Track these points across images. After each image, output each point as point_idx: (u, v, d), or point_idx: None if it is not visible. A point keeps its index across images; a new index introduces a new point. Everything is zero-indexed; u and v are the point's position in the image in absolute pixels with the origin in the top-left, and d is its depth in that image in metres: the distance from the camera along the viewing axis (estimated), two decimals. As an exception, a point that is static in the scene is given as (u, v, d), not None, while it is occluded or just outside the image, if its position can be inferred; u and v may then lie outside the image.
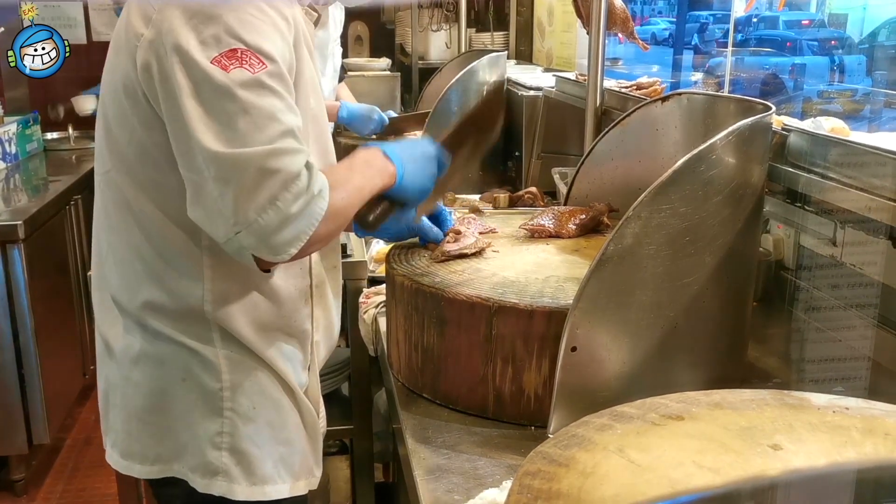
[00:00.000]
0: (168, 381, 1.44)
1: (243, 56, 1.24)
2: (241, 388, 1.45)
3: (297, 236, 1.27)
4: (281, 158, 1.24)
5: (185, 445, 1.45)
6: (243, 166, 1.23)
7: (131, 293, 1.44)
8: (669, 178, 1.32)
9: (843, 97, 7.23)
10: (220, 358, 1.43)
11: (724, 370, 1.52)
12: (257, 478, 1.47)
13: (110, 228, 1.46)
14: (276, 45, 1.29)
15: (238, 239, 1.25)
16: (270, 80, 1.26)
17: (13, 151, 4.28)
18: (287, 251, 1.28)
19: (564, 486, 0.90)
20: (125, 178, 1.39)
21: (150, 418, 1.46)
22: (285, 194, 1.24)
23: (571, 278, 1.58)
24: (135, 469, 1.49)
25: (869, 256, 1.66)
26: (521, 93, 3.27)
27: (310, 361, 1.58)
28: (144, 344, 1.45)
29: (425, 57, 5.29)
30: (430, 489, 1.32)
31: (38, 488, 3.55)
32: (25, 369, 3.36)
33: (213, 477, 1.45)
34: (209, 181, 1.25)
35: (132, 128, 1.35)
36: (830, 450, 0.97)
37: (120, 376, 1.49)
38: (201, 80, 1.23)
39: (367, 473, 2.58)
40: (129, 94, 1.33)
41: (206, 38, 1.24)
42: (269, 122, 1.25)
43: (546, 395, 1.44)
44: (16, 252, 3.27)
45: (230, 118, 1.23)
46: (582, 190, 2.02)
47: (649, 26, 13.16)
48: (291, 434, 1.52)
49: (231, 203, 1.24)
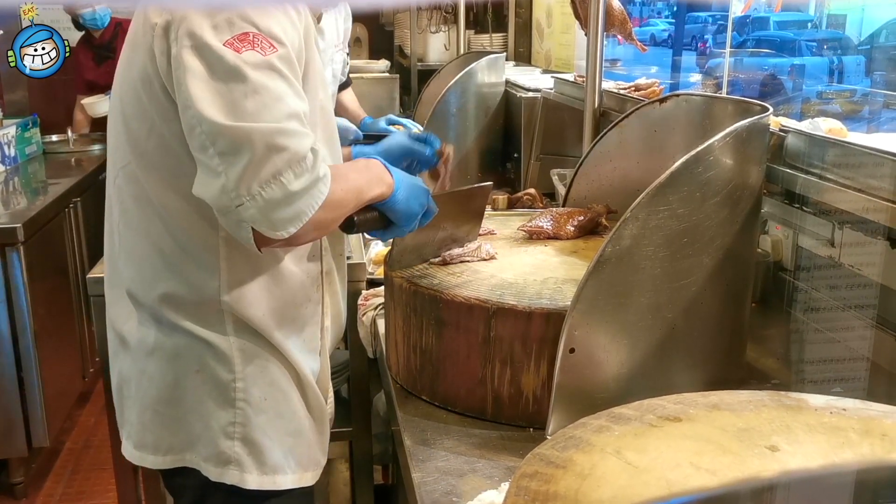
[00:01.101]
0: (182, 373, 1.47)
1: (255, 39, 1.28)
2: (252, 379, 1.47)
3: (298, 215, 1.29)
4: (289, 137, 1.27)
5: (198, 435, 1.48)
6: (251, 139, 1.25)
7: (148, 286, 1.47)
8: (667, 179, 1.33)
9: (842, 98, 7.23)
10: (234, 349, 1.46)
11: (722, 371, 1.52)
12: (268, 467, 1.50)
13: (127, 224, 1.48)
14: (286, 31, 1.32)
15: (238, 211, 1.27)
16: (280, 64, 1.30)
17: (12, 154, 4.28)
18: (286, 228, 1.29)
19: (561, 487, 0.90)
20: (146, 172, 1.42)
21: (164, 409, 1.49)
22: (289, 172, 1.27)
23: (570, 280, 1.58)
24: (147, 460, 1.52)
25: (867, 257, 1.66)
26: (519, 94, 3.27)
27: (321, 346, 1.60)
28: (160, 336, 1.47)
29: (424, 59, 5.29)
30: (428, 491, 1.32)
31: (38, 491, 3.54)
32: (25, 372, 3.35)
33: (225, 466, 1.48)
34: (214, 157, 1.27)
35: (151, 121, 1.38)
36: (828, 451, 0.97)
37: (135, 369, 1.51)
38: (214, 62, 1.27)
39: (367, 476, 2.58)
40: (147, 87, 1.36)
41: (219, 22, 1.28)
42: (277, 102, 1.28)
43: (544, 397, 1.44)
44: (15, 255, 3.26)
45: (240, 97, 1.26)
46: (580, 191, 2.02)
47: (648, 27, 13.18)
48: (300, 425, 1.55)
49: (236, 175, 1.26)
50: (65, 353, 3.82)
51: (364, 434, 2.50)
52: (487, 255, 1.73)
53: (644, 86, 2.60)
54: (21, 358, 3.34)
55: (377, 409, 2.56)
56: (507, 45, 4.88)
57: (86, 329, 3.98)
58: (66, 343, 3.85)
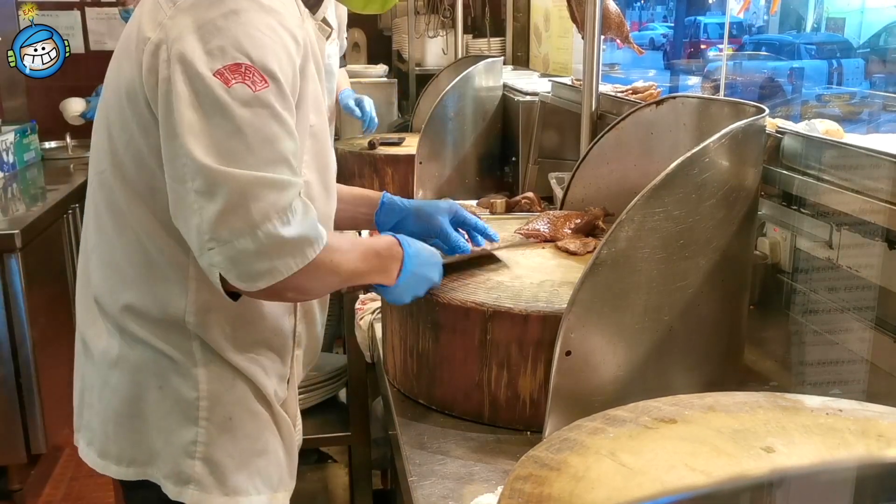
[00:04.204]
0: (145, 387, 1.43)
1: (247, 72, 1.22)
2: (218, 399, 1.43)
3: (270, 271, 1.23)
4: (268, 188, 1.21)
5: (158, 452, 1.44)
6: (228, 185, 1.19)
7: (114, 295, 1.43)
8: (662, 181, 1.32)
9: (841, 101, 7.24)
10: (200, 368, 1.42)
11: (720, 374, 1.52)
12: (229, 488, 1.45)
13: (99, 229, 1.45)
14: (281, 64, 1.26)
15: (209, 255, 1.22)
16: (272, 99, 1.23)
17: (11, 161, 4.28)
18: (255, 283, 1.23)
19: (556, 490, 0.90)
20: (120, 182, 1.38)
21: (127, 422, 1.45)
22: (267, 224, 1.21)
23: (566, 282, 1.58)
24: (111, 469, 1.48)
25: (865, 259, 1.66)
26: (517, 98, 3.27)
27: (289, 375, 1.55)
28: (124, 347, 1.43)
29: (422, 63, 5.29)
30: (425, 495, 1.31)
31: (37, 498, 3.54)
32: (23, 378, 3.34)
33: (185, 485, 1.43)
34: (191, 193, 1.22)
35: (131, 133, 1.34)
36: (823, 452, 0.96)
37: (98, 378, 1.48)
38: (201, 91, 1.21)
39: (366, 480, 2.58)
40: (132, 99, 1.32)
41: (212, 49, 1.22)
42: (262, 145, 1.22)
43: (541, 400, 1.44)
44: (13, 261, 3.26)
45: (224, 135, 1.21)
46: (578, 194, 2.02)
47: (647, 31, 13.20)
48: (269, 446, 1.49)
49: (209, 218, 1.21)
50: (63, 359, 3.79)
51: (362, 439, 2.50)
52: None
53: (641, 89, 2.60)
54: (19, 364, 3.33)
55: (375, 413, 2.56)
56: (505, 50, 4.89)
57: (85, 335, 3.97)
58: (64, 349, 3.81)
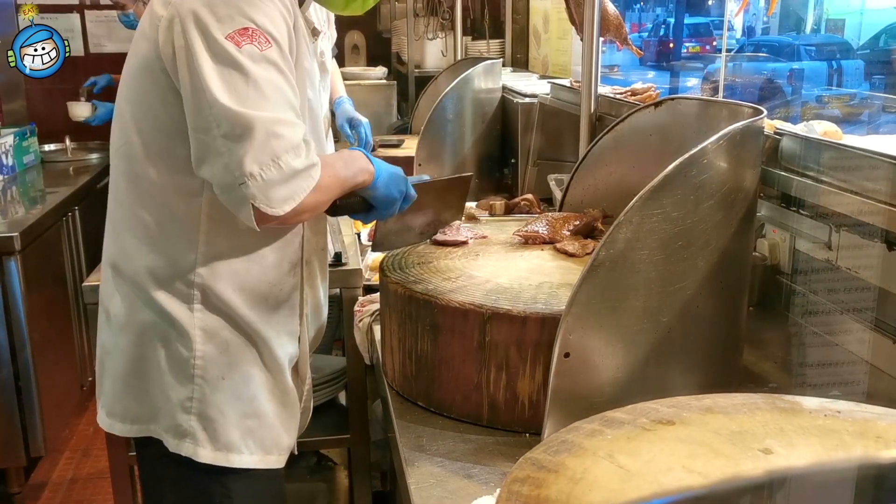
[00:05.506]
0: (149, 348, 1.56)
1: (254, 34, 1.40)
2: (211, 357, 1.55)
3: (293, 195, 1.40)
4: (286, 126, 1.39)
5: (159, 408, 1.57)
6: (253, 126, 1.36)
7: (128, 260, 1.56)
8: (660, 182, 1.32)
9: (841, 102, 7.24)
10: (196, 328, 1.54)
11: (718, 375, 1.51)
12: (221, 444, 1.56)
13: (117, 200, 1.59)
14: (279, 28, 1.44)
15: (241, 189, 1.38)
16: (275, 58, 1.42)
17: (10, 163, 4.28)
18: (282, 206, 1.40)
19: (553, 491, 0.89)
20: (138, 150, 1.52)
21: (133, 381, 1.59)
22: (286, 156, 1.39)
23: (565, 284, 1.58)
24: (116, 427, 1.62)
25: (864, 260, 1.65)
26: (516, 100, 3.27)
27: (300, 332, 1.66)
28: (132, 311, 1.57)
29: (421, 65, 5.30)
30: (423, 497, 1.31)
31: (36, 501, 3.53)
32: (22, 381, 3.34)
33: (181, 439, 1.56)
34: (217, 139, 1.38)
35: (149, 104, 1.50)
36: (821, 453, 0.96)
37: (111, 342, 1.62)
38: (218, 52, 1.39)
39: (366, 482, 2.57)
40: (148, 72, 1.48)
41: (222, 17, 1.40)
42: (274, 93, 1.40)
43: (540, 402, 1.44)
44: (12, 264, 3.26)
45: (243, 86, 1.38)
46: (577, 196, 2.02)
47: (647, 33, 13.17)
48: (261, 408, 1.60)
49: (238, 157, 1.37)
50: (62, 362, 3.81)
51: (362, 441, 2.50)
52: (468, 238, 1.79)
53: (640, 90, 2.60)
54: (19, 367, 3.33)
55: (375, 415, 2.55)
56: (505, 51, 4.88)
57: (84, 338, 3.97)
58: (63, 352, 3.84)
